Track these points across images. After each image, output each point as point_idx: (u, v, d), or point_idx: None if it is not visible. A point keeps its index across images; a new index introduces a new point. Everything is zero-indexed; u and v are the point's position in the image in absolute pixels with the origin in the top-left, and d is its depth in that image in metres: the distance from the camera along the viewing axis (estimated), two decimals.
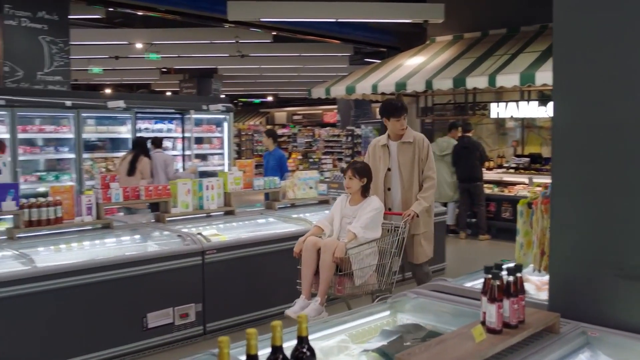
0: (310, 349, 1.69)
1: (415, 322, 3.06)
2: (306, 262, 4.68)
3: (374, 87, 10.16)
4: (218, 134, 10.28)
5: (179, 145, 9.98)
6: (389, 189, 5.34)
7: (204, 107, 9.61)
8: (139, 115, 9.24)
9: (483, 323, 2.31)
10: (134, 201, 5.79)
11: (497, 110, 10.39)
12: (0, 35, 8.56)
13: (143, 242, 5.49)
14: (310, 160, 20.71)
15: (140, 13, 11.08)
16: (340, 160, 19.67)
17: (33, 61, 8.69)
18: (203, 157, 10.31)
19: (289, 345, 1.72)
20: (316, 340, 2.80)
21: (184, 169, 9.62)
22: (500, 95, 10.67)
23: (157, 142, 8.39)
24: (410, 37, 12.07)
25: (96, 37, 13.17)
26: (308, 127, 23.27)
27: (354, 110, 20.71)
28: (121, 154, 9.06)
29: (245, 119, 32.37)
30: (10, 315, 4.10)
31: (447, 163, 9.52)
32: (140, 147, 7.91)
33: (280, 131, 22.94)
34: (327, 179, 10.93)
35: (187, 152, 9.92)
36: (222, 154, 10.35)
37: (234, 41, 12.87)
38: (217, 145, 10.34)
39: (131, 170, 7.67)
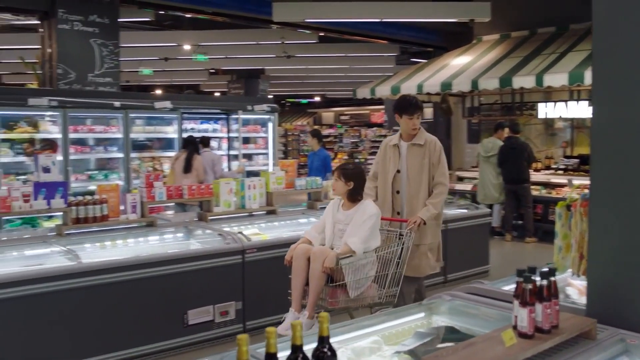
0: (332, 349, 1.70)
1: (450, 324, 3.03)
2: (296, 271, 4.36)
3: (419, 87, 10.08)
4: (263, 134, 10.37)
5: (224, 145, 10.12)
6: (397, 192, 4.97)
7: (249, 107, 9.71)
8: (185, 115, 9.41)
9: (515, 327, 2.27)
10: (176, 200, 5.92)
11: (545, 110, 10.17)
12: (55, 39, 8.84)
13: (185, 240, 5.59)
14: (356, 160, 20.68)
15: (188, 15, 11.27)
16: None
17: (85, 63, 8.94)
18: (248, 157, 10.42)
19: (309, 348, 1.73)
20: (348, 340, 2.81)
21: (229, 168, 9.75)
22: (549, 95, 10.44)
23: (206, 142, 8.63)
24: (457, 37, 11.93)
25: (146, 39, 13.46)
26: (355, 128, 23.23)
27: None
28: (168, 153, 9.27)
29: (292, 119, 32.54)
30: (56, 309, 4.24)
31: (493, 164, 9.37)
32: (192, 145, 8.13)
33: (326, 131, 22.97)
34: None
35: (232, 152, 10.05)
36: (266, 153, 10.43)
37: (280, 42, 12.95)
38: (262, 145, 10.43)
39: (187, 168, 7.91)
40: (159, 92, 20.60)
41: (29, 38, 11.83)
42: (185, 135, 8.93)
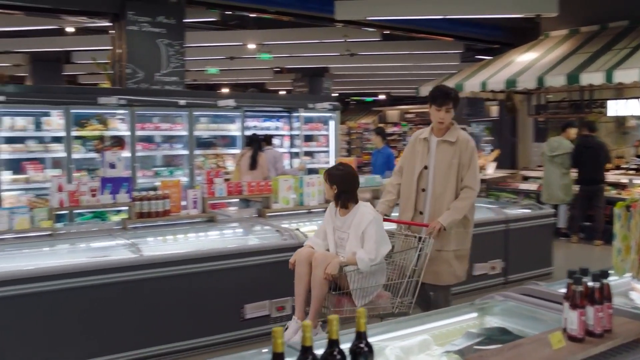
0: (369, 345, 1.71)
1: (503, 326, 2.98)
2: (298, 276, 4.17)
3: (483, 84, 9.89)
4: (325, 132, 10.44)
5: (286, 142, 10.23)
6: (423, 190, 4.57)
7: (311, 105, 9.80)
8: (248, 113, 9.57)
9: (564, 330, 2.22)
10: (236, 196, 6.04)
11: (616, 108, 9.79)
12: (124, 40, 9.15)
13: (244, 236, 5.69)
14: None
15: (253, 15, 11.43)
16: None
17: (152, 63, 9.21)
18: (310, 155, 10.51)
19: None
20: (396, 338, 2.80)
21: (290, 166, 9.86)
22: (620, 92, 10.05)
23: (268, 140, 8.79)
24: (524, 33, 11.63)
25: (212, 39, 13.74)
26: (419, 126, 22.98)
27: (466, 109, 20.20)
28: (231, 151, 9.46)
29: (357, 117, 32.47)
30: (118, 299, 4.41)
31: (557, 164, 9.07)
32: (257, 143, 8.29)
33: (390, 129, 22.82)
34: None
35: (294, 150, 10.15)
36: (328, 151, 10.49)
37: (342, 40, 12.97)
38: (323, 142, 10.49)
39: (252, 165, 8.06)
40: (225, 90, 21.02)
41: (101, 39, 12.29)
42: (248, 133, 9.09)
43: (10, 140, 7.68)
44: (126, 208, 5.43)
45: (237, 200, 7.70)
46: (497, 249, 6.59)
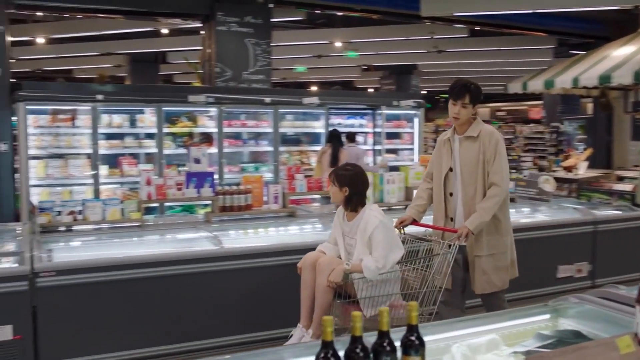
0: (420, 338, 1.72)
1: (577, 329, 2.90)
2: (304, 282, 3.99)
3: (575, 80, 9.49)
4: (409, 129, 10.39)
5: (370, 140, 10.26)
6: (450, 194, 4.26)
7: (395, 102, 9.77)
8: (332, 110, 9.66)
9: (635, 335, 2.13)
10: (316, 192, 6.13)
11: None
12: (213, 40, 9.49)
13: (323, 231, 5.76)
14: (509, 157, 19.74)
15: (340, 13, 11.55)
16: (542, 158, 18.68)
17: (239, 62, 9.50)
18: (394, 152, 10.49)
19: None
20: (464, 336, 2.78)
21: (374, 163, 9.88)
22: None
23: (351, 137, 8.86)
24: (621, 25, 11.07)
25: (299, 38, 13.98)
26: (509, 124, 22.38)
27: (560, 106, 19.48)
28: (315, 147, 9.60)
29: (447, 115, 31.96)
30: (201, 288, 4.60)
31: None
32: (337, 139, 8.38)
33: None
34: (524, 177, 10.48)
35: (378, 147, 10.16)
36: (412, 149, 10.42)
37: (429, 37, 12.86)
38: (407, 140, 10.44)
39: (334, 162, 8.17)
40: (314, 88, 21.29)
41: (193, 40, 12.77)
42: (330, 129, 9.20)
43: (107, 136, 8.15)
44: (210, 202, 5.64)
45: (319, 197, 7.85)
46: (584, 251, 6.34)
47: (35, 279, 4.02)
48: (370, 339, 1.71)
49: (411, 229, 4.36)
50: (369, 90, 22.77)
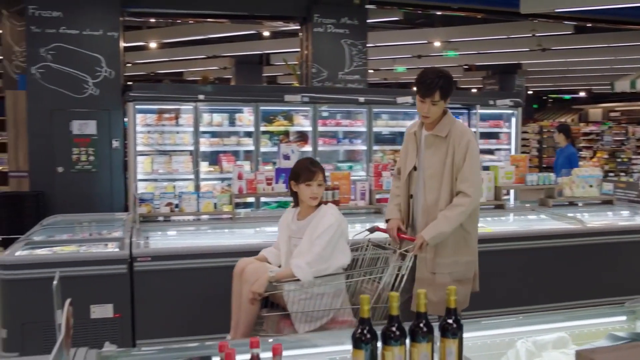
0: (457, 321, 1.79)
1: None
2: (234, 291, 3.63)
3: None
4: (506, 130, 10.15)
5: None
6: (411, 197, 3.76)
7: (491, 102, 9.60)
8: None
9: None
10: None
11: None
12: (310, 41, 9.76)
13: None
14: (618, 160, 18.85)
15: (439, 13, 11.50)
16: None
17: (335, 63, 9.71)
18: (489, 152, 10.30)
19: None
20: (532, 332, 2.78)
21: None
22: None
23: None
24: None
25: (397, 38, 14.01)
26: (621, 125, 21.25)
27: None
28: None
29: (556, 115, 30.80)
30: None
31: None
32: None
33: (588, 128, 21.43)
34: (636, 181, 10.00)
35: None
36: (509, 149, 10.19)
37: (531, 35, 12.51)
38: (504, 140, 10.21)
39: None
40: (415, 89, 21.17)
41: (294, 42, 13.15)
42: None
43: (209, 134, 8.59)
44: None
45: None
46: None
47: (133, 263, 4.38)
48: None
49: (376, 235, 3.94)
50: (472, 90, 22.37)
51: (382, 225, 3.98)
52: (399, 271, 3.55)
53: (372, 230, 3.89)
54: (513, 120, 9.96)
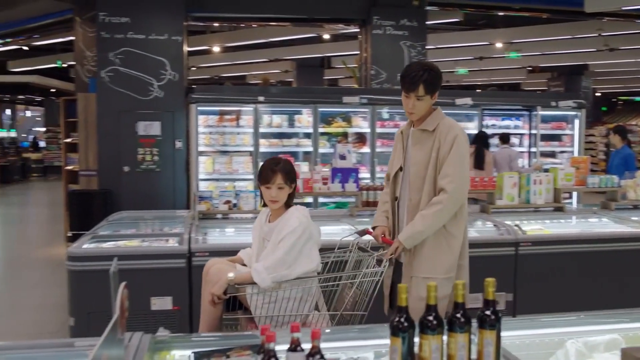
0: (495, 313, 1.82)
1: None
2: (202, 293, 3.49)
3: None
4: (569, 131, 9.93)
5: (526, 141, 9.96)
6: (396, 199, 3.52)
7: (553, 103, 9.41)
8: (487, 111, 9.54)
9: None
10: None
11: None
12: (369, 44, 9.81)
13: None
14: None
15: (501, 13, 11.35)
16: None
17: (394, 64, 9.72)
18: (551, 155, 10.10)
19: None
20: (582, 333, 2.74)
21: (529, 165, 9.59)
22: None
23: (505, 138, 8.71)
24: None
25: (458, 40, 13.88)
26: None
27: None
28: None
29: (626, 118, 29.71)
30: None
31: None
32: (481, 140, 8.30)
33: None
34: None
35: (533, 149, 9.84)
36: (572, 152, 9.95)
37: (596, 35, 12.16)
38: (567, 142, 9.99)
39: (478, 164, 8.11)
40: (478, 91, 20.92)
41: (353, 45, 13.22)
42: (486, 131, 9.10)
43: (268, 135, 8.76)
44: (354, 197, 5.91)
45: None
46: None
47: (192, 257, 4.54)
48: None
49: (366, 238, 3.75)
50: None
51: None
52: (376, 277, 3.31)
53: (362, 233, 3.72)
54: (576, 122, 9.74)
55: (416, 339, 1.78)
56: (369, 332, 2.63)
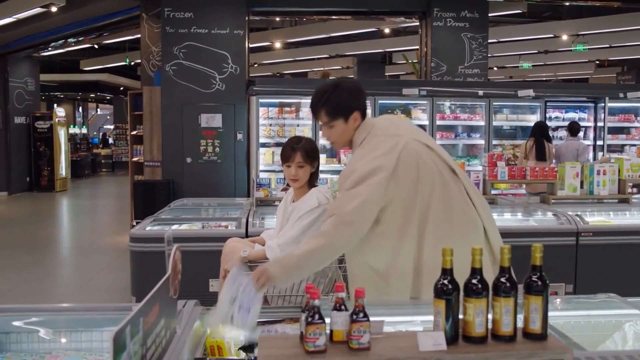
0: (542, 279, 1.81)
1: None
2: (220, 271, 3.38)
3: None
4: (637, 124, 9.59)
5: (591, 134, 9.67)
6: None
7: (621, 94, 9.10)
8: (550, 104, 9.31)
9: None
10: (519, 180, 6.06)
11: None
12: (430, 36, 9.75)
13: (521, 218, 5.70)
14: None
15: (567, 3, 11.05)
16: None
17: (455, 56, 9.64)
18: (620, 148, 9.77)
19: None
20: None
21: (594, 159, 9.31)
22: None
23: (574, 129, 8.45)
24: None
25: (522, 33, 13.56)
26: None
27: None
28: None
29: None
30: None
31: None
32: (540, 131, 8.07)
33: None
34: None
35: (599, 142, 9.55)
36: None
37: None
38: (635, 135, 9.64)
39: (539, 155, 7.91)
40: (541, 82, 20.43)
41: (414, 40, 13.15)
42: (549, 124, 8.88)
43: None
44: None
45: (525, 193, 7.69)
46: None
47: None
48: None
49: None
50: None
51: None
52: None
53: None
54: None
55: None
56: (414, 307, 2.64)
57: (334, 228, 2.53)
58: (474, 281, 1.76)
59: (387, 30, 14.17)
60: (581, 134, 9.38)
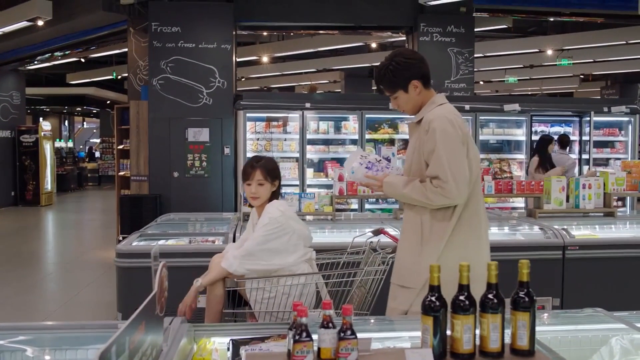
0: (530, 295, 1.81)
1: None
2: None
3: None
4: (622, 138, 9.68)
5: (576, 148, 9.76)
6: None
7: (605, 109, 9.19)
8: (535, 118, 9.39)
9: None
10: (505, 195, 6.09)
11: None
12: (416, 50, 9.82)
13: (507, 232, 5.73)
14: None
15: (551, 19, 11.18)
16: None
17: (441, 71, 9.70)
18: (604, 162, 9.85)
19: None
20: (628, 331, 2.68)
21: (579, 173, 9.39)
22: None
23: (564, 142, 8.53)
24: None
25: (508, 47, 13.71)
26: None
27: None
28: (516, 156, 9.41)
29: None
30: None
31: None
32: (542, 144, 8.16)
33: None
34: None
35: (585, 156, 9.63)
36: (626, 158, 9.69)
37: None
38: (620, 149, 9.73)
39: (542, 170, 7.99)
40: (526, 97, 20.62)
41: None
42: (535, 138, 8.94)
43: (314, 142, 8.84)
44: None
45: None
46: None
47: None
48: None
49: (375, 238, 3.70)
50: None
51: (390, 229, 3.91)
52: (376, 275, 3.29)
53: (377, 232, 3.64)
54: (629, 128, 9.50)
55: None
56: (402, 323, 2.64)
57: (441, 184, 2.74)
58: (462, 297, 1.77)
59: (374, 45, 14.26)
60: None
